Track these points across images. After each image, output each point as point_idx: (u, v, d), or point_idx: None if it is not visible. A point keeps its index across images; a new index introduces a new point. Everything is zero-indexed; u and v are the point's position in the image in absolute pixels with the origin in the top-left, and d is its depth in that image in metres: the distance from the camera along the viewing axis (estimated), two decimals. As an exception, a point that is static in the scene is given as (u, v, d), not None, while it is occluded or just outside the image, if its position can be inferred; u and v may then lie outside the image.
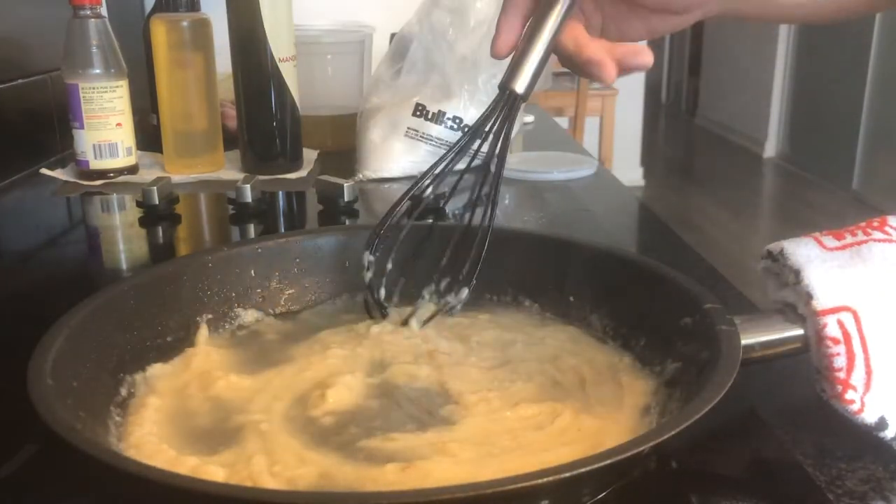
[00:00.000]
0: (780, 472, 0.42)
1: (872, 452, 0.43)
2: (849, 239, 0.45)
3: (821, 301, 0.43)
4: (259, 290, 0.57)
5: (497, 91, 0.48)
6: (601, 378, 0.48)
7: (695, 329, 0.45)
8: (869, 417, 0.43)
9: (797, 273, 0.44)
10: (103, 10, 1.00)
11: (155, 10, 1.09)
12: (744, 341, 0.42)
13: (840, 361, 0.43)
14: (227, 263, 0.56)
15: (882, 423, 0.43)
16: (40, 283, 0.74)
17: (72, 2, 0.97)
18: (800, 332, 0.44)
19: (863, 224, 0.47)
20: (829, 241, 0.46)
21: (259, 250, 0.57)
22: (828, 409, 0.47)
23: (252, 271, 0.56)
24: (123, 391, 0.46)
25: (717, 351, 0.41)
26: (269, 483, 0.38)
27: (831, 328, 0.43)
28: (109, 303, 0.48)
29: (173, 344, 0.51)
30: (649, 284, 0.50)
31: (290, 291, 0.58)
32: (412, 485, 0.37)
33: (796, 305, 0.45)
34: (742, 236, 3.78)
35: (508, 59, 0.48)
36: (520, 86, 0.47)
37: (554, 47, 0.47)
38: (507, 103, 0.47)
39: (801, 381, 0.50)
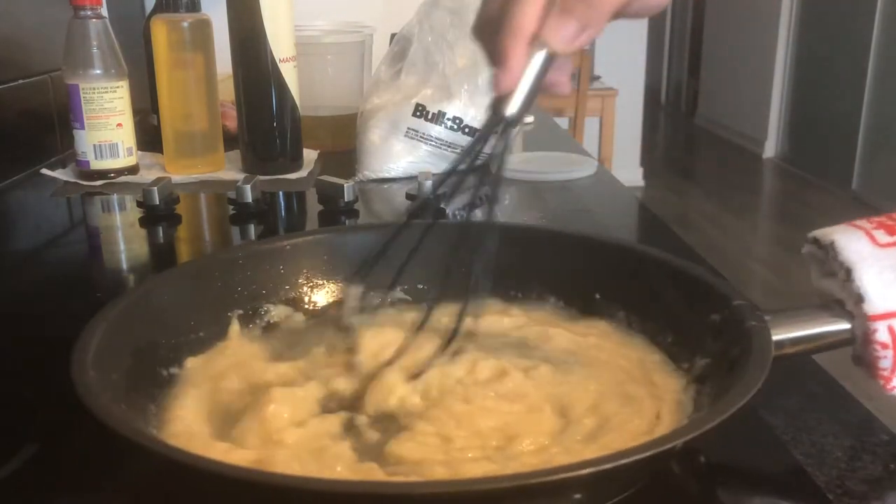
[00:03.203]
0: (780, 472, 0.42)
1: (872, 452, 0.43)
2: None
3: (873, 305, 0.42)
4: (288, 287, 0.57)
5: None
6: (635, 374, 0.48)
7: (723, 326, 0.45)
8: None
9: (848, 271, 0.43)
10: (104, 11, 1.00)
11: (155, 10, 1.10)
12: (775, 337, 0.42)
13: (886, 363, 0.43)
14: (256, 259, 0.56)
15: None
16: (41, 283, 0.74)
17: (72, 2, 0.97)
18: (846, 326, 0.44)
19: None
20: (881, 235, 0.44)
21: (288, 247, 0.58)
22: (827, 409, 0.47)
23: (281, 267, 0.57)
24: (159, 384, 0.46)
25: (747, 348, 0.41)
26: (294, 434, 0.39)
27: (881, 334, 0.42)
28: (144, 298, 0.49)
29: (205, 339, 0.52)
30: (676, 282, 0.50)
31: (319, 288, 0.58)
32: None
33: (844, 302, 0.44)
34: (742, 236, 3.78)
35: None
36: (511, 109, 0.44)
37: None
38: (502, 128, 0.45)
39: (801, 381, 0.50)
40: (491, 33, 0.45)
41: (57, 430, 0.45)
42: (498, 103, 0.44)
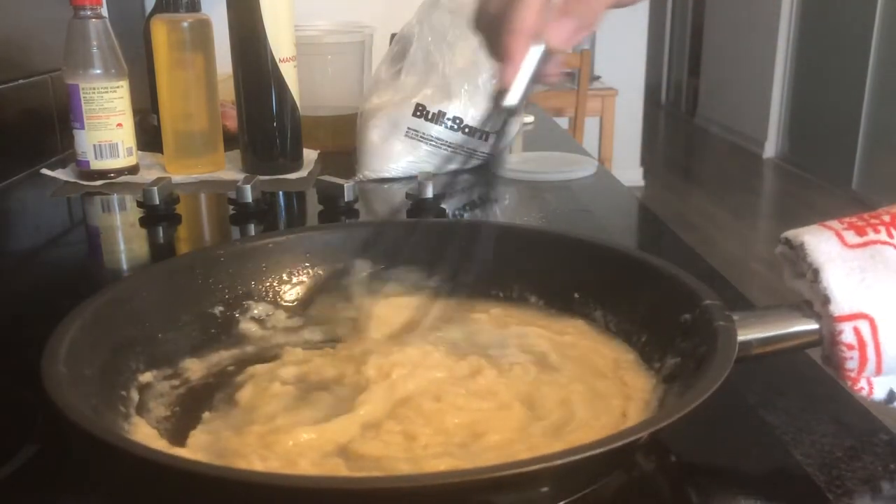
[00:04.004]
0: (780, 471, 0.42)
1: (872, 452, 0.43)
2: (871, 235, 0.44)
3: (839, 306, 0.42)
4: (269, 285, 0.57)
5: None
6: (607, 373, 0.48)
7: (693, 325, 0.45)
8: (878, 395, 0.44)
9: (816, 272, 0.43)
10: (104, 11, 1.00)
11: (155, 10, 1.10)
12: (742, 337, 0.42)
13: (852, 364, 0.43)
14: (239, 258, 0.56)
15: (892, 397, 0.44)
16: (41, 283, 0.74)
17: (72, 2, 0.97)
18: (814, 326, 0.44)
19: (886, 217, 0.45)
20: (851, 236, 0.44)
21: (270, 245, 0.58)
22: (827, 409, 0.47)
23: (263, 265, 0.57)
24: (136, 379, 0.47)
25: (712, 347, 0.41)
26: (259, 430, 0.41)
27: (847, 335, 0.42)
28: (122, 294, 0.49)
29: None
30: (651, 281, 0.50)
31: (300, 286, 0.58)
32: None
33: (812, 303, 0.44)
34: (742, 236, 3.78)
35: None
36: (512, 99, 0.48)
37: None
38: (503, 117, 0.49)
39: (801, 381, 0.50)
40: (491, 28, 0.47)
41: (57, 430, 0.45)
42: (499, 94, 0.48)
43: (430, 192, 0.89)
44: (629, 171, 4.37)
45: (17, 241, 0.90)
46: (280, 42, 1.01)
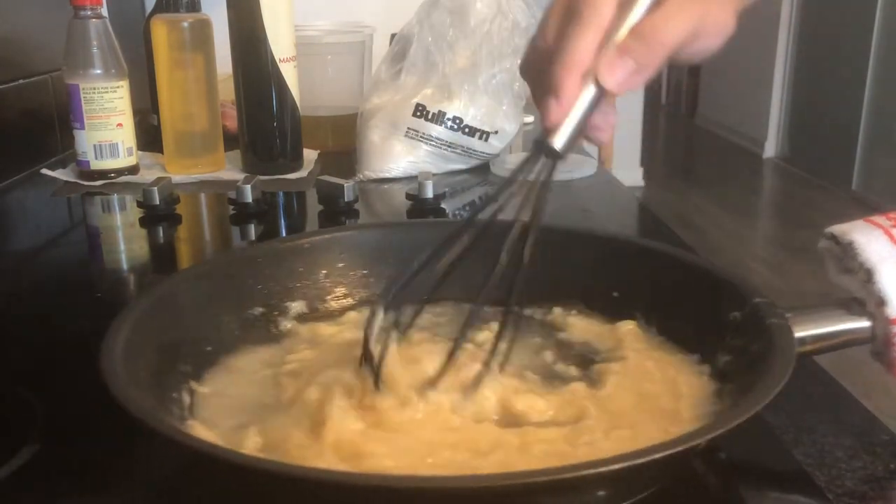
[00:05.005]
0: (780, 471, 0.42)
1: (872, 452, 0.43)
2: None
3: (895, 308, 0.42)
4: (308, 284, 0.57)
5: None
6: (656, 374, 0.48)
7: (744, 324, 0.45)
8: None
9: (869, 272, 0.43)
10: (104, 11, 1.00)
11: (155, 10, 1.10)
12: (796, 334, 0.42)
13: None
14: (276, 258, 0.56)
15: None
16: (41, 283, 0.74)
17: (72, 2, 0.97)
18: (866, 324, 0.44)
19: None
20: None
21: (307, 245, 0.58)
22: (827, 409, 0.47)
23: (300, 268, 0.57)
24: (185, 381, 0.47)
25: (769, 345, 0.40)
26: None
27: None
28: (165, 297, 0.49)
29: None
30: (696, 279, 0.50)
31: (339, 287, 0.58)
32: None
33: (865, 301, 0.44)
34: (742, 236, 3.78)
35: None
36: (558, 143, 0.43)
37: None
38: (546, 161, 0.44)
39: (802, 382, 0.50)
40: (541, 66, 0.44)
41: (58, 430, 0.45)
42: (543, 136, 0.43)
43: (430, 192, 0.89)
44: (629, 172, 4.36)
45: (17, 241, 0.90)
46: (280, 42, 1.01)
